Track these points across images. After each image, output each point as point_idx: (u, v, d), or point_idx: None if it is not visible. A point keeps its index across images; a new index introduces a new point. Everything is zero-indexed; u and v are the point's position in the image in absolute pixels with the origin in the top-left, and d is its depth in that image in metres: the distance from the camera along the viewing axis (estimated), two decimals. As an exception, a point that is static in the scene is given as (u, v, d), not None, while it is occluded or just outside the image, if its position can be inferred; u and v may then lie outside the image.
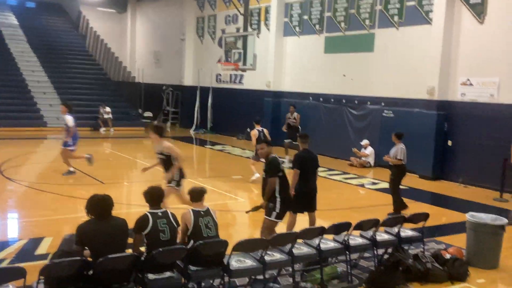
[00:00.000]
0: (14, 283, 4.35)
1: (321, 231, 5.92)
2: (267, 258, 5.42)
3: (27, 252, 6.68)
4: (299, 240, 5.89)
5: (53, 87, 23.03)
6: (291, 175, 7.15)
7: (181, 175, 7.82)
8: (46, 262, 5.86)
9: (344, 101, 16.57)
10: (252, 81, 20.59)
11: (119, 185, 11.84)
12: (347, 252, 6.12)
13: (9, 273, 4.35)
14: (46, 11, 29.22)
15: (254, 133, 12.20)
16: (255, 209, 6.77)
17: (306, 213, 7.48)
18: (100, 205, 4.70)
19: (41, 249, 6.76)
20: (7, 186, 10.98)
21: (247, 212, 7.10)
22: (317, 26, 17.69)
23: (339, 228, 6.16)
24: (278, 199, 6.62)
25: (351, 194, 11.65)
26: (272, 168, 6.69)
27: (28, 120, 20.67)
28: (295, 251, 5.71)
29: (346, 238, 6.15)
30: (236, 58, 20.10)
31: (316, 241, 5.93)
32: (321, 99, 17.41)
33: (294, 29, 18.71)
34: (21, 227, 8.16)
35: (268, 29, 19.58)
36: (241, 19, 20.71)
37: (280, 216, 6.66)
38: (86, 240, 4.60)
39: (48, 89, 22.87)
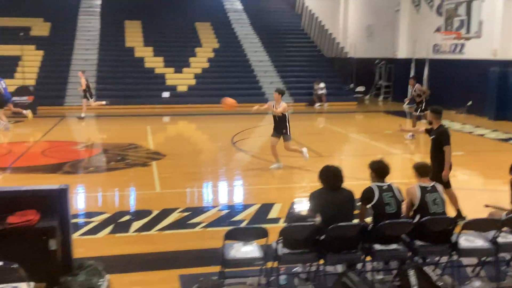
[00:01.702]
0: (256, 241, 4.96)
1: None
2: (500, 239, 5.09)
3: (261, 215, 7.48)
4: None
5: (273, 66, 24.74)
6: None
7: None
8: (277, 225, 6.53)
9: None
10: (475, 50, 18.91)
11: (335, 158, 12.25)
12: None
13: (254, 232, 4.96)
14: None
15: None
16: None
17: None
18: (333, 176, 5.00)
19: (272, 214, 7.50)
20: (238, 156, 12.35)
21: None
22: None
23: None
24: None
25: None
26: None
27: (252, 97, 22.63)
28: (533, 235, 5.23)
29: None
30: (457, 26, 18.75)
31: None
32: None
33: (528, -13, 16.53)
34: (255, 193, 9.13)
35: (496, -9, 17.67)
36: (463, -17, 19.12)
37: None
38: (319, 207, 4.96)
39: (269, 68, 24.67)
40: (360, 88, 25.87)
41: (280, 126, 10.04)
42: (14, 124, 16.39)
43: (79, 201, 8.34)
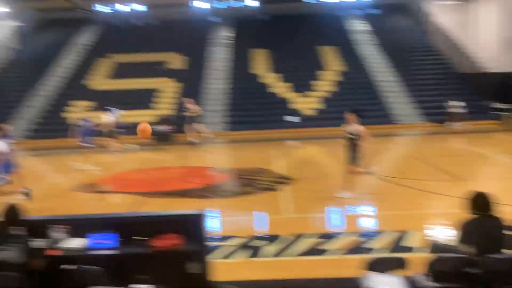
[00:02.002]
0: (393, 272, 4.61)
1: None
2: None
3: (395, 243, 7.02)
4: None
5: (402, 86, 23.85)
6: None
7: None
8: (413, 254, 6.07)
9: None
10: None
11: (475, 182, 11.24)
12: None
13: (391, 262, 4.65)
14: (391, 13, 30.54)
15: None
16: None
17: None
18: (486, 204, 4.52)
19: (407, 242, 7.01)
20: (368, 179, 11.87)
21: None
22: None
23: None
24: None
25: None
26: None
27: (382, 118, 21.94)
28: None
29: None
30: None
31: None
32: None
33: None
34: (387, 219, 8.66)
35: None
36: None
37: None
38: (471, 237, 4.49)
39: (398, 88, 23.82)
40: (502, 105, 23.77)
41: (352, 148, 9.54)
42: (154, 153, 17.66)
43: (213, 225, 8.58)
